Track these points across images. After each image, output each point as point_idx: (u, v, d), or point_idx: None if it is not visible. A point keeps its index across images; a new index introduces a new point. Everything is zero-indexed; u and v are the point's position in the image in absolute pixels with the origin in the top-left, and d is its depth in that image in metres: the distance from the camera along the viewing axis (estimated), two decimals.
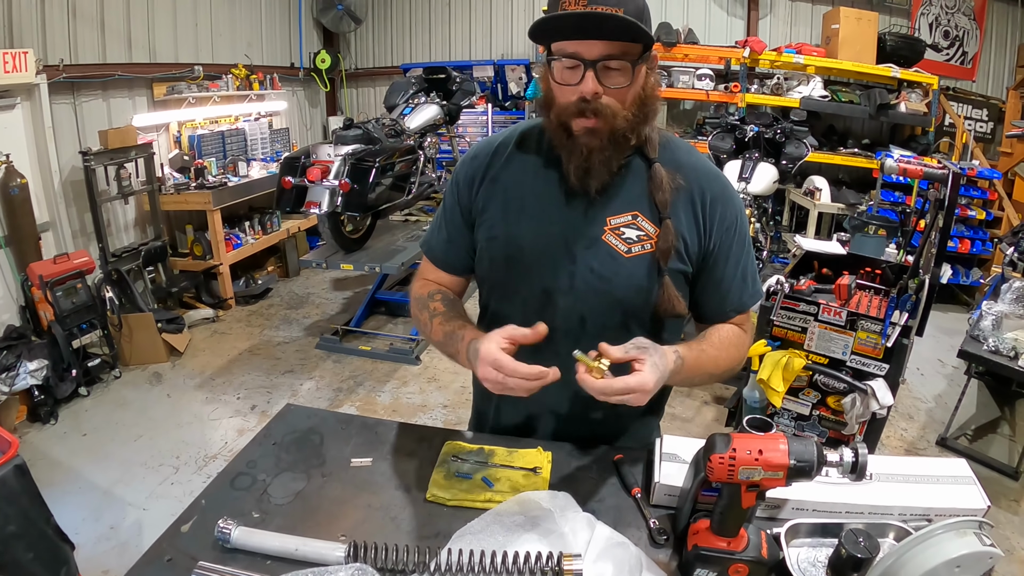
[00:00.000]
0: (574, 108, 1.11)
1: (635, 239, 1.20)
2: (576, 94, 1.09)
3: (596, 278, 1.21)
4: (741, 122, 4.41)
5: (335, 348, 4.59)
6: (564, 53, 1.08)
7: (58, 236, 4.46)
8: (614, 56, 1.07)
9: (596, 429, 1.33)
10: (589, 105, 1.09)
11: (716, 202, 1.23)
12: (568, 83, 1.10)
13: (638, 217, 1.20)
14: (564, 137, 1.15)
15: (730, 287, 1.26)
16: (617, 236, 1.20)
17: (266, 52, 6.76)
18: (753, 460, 0.90)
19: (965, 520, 0.89)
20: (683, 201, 1.21)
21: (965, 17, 6.48)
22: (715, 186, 1.24)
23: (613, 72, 1.09)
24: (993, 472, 3.21)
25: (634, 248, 1.20)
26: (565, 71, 1.10)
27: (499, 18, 7.31)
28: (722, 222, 1.23)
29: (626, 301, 1.22)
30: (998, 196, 5.44)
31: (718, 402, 3.87)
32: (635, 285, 1.20)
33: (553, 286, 1.23)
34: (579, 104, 1.10)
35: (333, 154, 3.94)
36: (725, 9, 6.77)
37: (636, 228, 1.20)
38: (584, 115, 1.11)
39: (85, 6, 4.56)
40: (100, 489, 3.06)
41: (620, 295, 1.21)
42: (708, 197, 1.22)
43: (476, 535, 1.00)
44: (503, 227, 1.26)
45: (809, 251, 3.22)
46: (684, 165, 1.23)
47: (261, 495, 1.15)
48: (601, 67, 1.07)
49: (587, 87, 1.08)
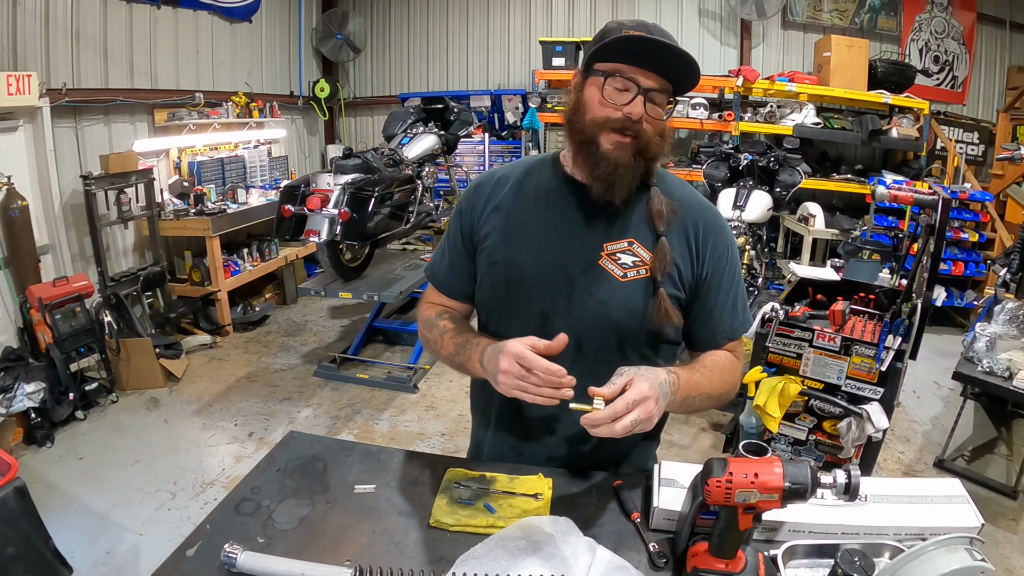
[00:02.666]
0: (615, 124, 1.18)
1: (631, 264, 1.25)
2: (619, 112, 1.17)
3: (593, 301, 1.25)
4: (735, 150, 4.47)
5: (333, 376, 4.59)
6: (623, 75, 1.16)
7: (57, 259, 4.48)
8: (659, 91, 1.17)
9: (594, 457, 1.35)
10: (632, 125, 1.17)
11: (709, 231, 1.29)
12: (615, 102, 1.18)
13: (634, 244, 1.26)
14: (592, 150, 1.21)
15: (721, 315, 1.31)
16: (613, 261, 1.25)
17: (266, 80, 6.85)
18: (749, 483, 0.92)
19: (956, 536, 0.90)
20: (676, 230, 1.27)
21: (955, 42, 6.61)
22: (707, 216, 1.31)
23: (655, 104, 1.18)
24: (991, 492, 3.22)
25: (629, 273, 1.25)
26: (614, 92, 1.18)
27: (496, 49, 7.42)
28: (714, 251, 1.29)
29: (622, 324, 1.26)
30: (990, 218, 5.51)
31: (715, 429, 3.87)
32: (630, 308, 1.25)
33: (551, 309, 1.27)
34: (622, 121, 1.17)
35: (333, 183, 3.97)
36: (718, 39, 6.89)
37: (631, 254, 1.25)
38: (623, 133, 1.18)
39: (88, 31, 4.64)
40: (96, 513, 3.04)
41: (616, 317, 1.25)
42: (701, 227, 1.29)
43: (480, 560, 1.01)
44: (504, 252, 1.31)
45: (803, 278, 3.25)
46: (677, 198, 1.29)
47: (266, 520, 1.16)
48: (650, 96, 1.17)
49: (636, 109, 1.16)
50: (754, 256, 4.28)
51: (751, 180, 4.27)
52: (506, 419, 1.39)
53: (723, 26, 6.85)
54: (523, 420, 1.36)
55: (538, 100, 6.51)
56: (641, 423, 1.04)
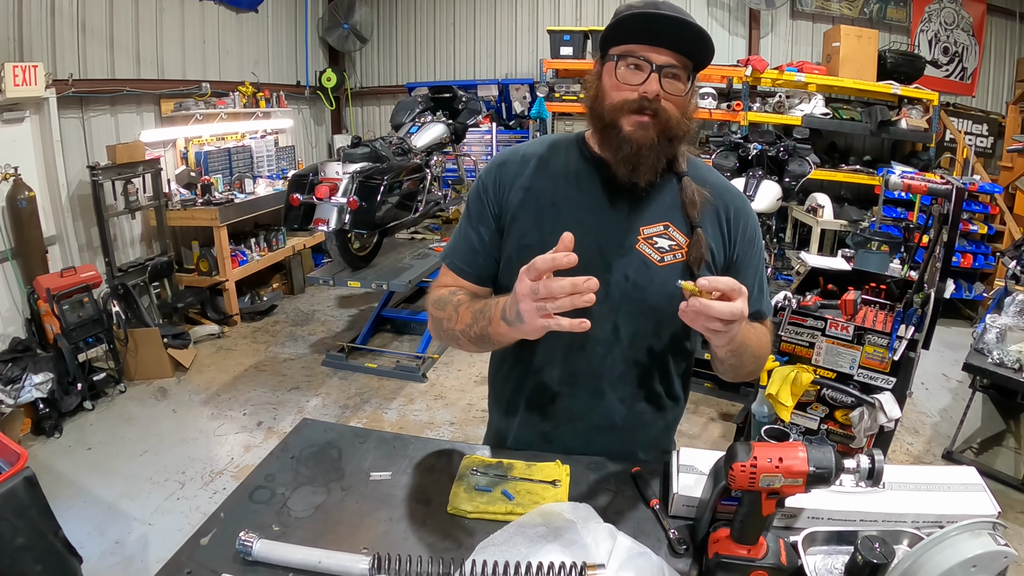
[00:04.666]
0: (632, 105, 1.16)
1: (667, 248, 1.24)
2: (636, 92, 1.15)
3: (631, 286, 1.24)
4: (744, 140, 4.44)
5: (341, 365, 4.59)
6: (634, 55, 1.15)
7: (65, 250, 4.49)
8: (676, 67, 1.15)
9: (616, 440, 1.34)
10: (650, 104, 1.15)
11: (740, 215, 1.30)
12: (630, 83, 1.16)
13: (669, 227, 1.25)
14: (614, 134, 1.19)
15: (750, 296, 1.28)
16: (650, 245, 1.24)
17: (272, 70, 6.83)
18: (774, 468, 0.91)
19: (979, 521, 0.90)
20: (710, 214, 1.27)
21: (964, 33, 6.55)
22: (737, 201, 1.32)
23: (673, 80, 1.16)
24: (999, 484, 3.20)
25: (666, 257, 1.24)
26: (628, 72, 1.16)
27: (503, 38, 7.38)
28: (744, 234, 1.29)
29: (659, 308, 1.24)
30: (999, 210, 5.48)
31: (724, 419, 3.87)
32: (668, 293, 1.21)
33: None
34: (639, 102, 1.15)
35: (341, 172, 3.97)
36: (727, 28, 6.84)
37: (668, 238, 1.25)
38: (642, 112, 1.16)
39: (94, 22, 4.63)
40: (105, 504, 3.05)
41: (654, 302, 1.24)
42: (732, 210, 1.29)
43: (499, 547, 1.01)
44: (537, 235, 1.25)
45: (815, 267, 3.24)
46: (709, 182, 1.30)
47: (281, 508, 1.15)
48: (665, 72, 1.14)
49: (652, 87, 1.14)
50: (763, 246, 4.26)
51: (760, 170, 4.25)
52: (536, 407, 1.36)
53: (732, 16, 6.80)
54: (553, 408, 1.34)
55: (546, 89, 6.46)
56: (735, 313, 1.00)
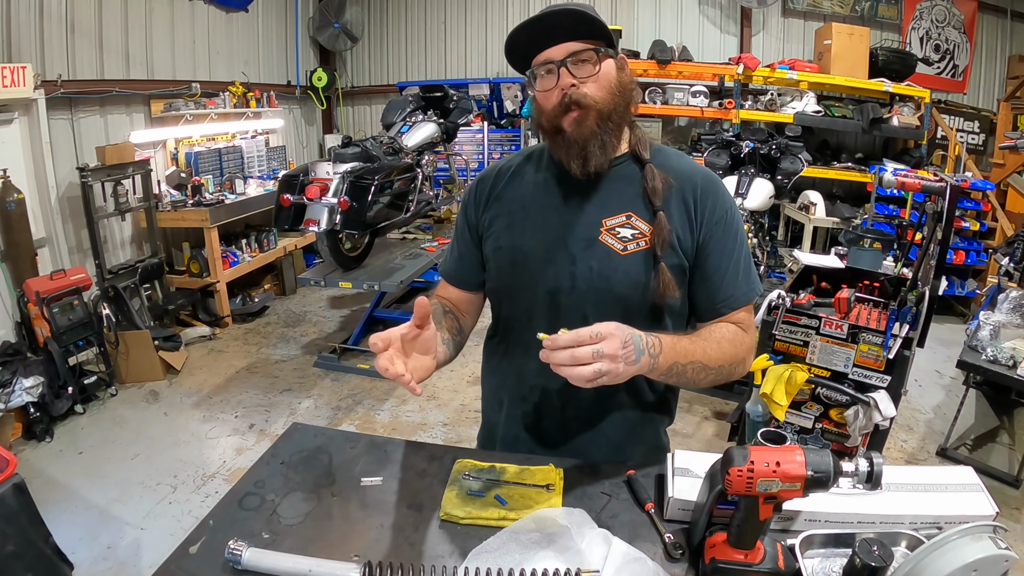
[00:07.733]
0: (560, 107, 1.21)
1: (630, 237, 1.26)
2: (557, 92, 1.20)
3: (596, 276, 1.26)
4: (736, 138, 4.45)
5: (333, 366, 4.57)
6: (538, 63, 1.21)
7: (54, 252, 4.44)
8: (578, 51, 1.18)
9: (607, 433, 1.37)
10: (570, 96, 1.19)
11: (706, 196, 1.28)
12: (548, 88, 1.21)
13: (632, 217, 1.27)
14: (559, 138, 1.24)
15: (721, 280, 1.29)
16: (613, 236, 1.26)
17: (263, 70, 6.80)
18: (771, 472, 0.90)
19: (980, 525, 0.89)
20: (675, 199, 1.27)
21: (955, 31, 6.57)
22: (704, 182, 1.30)
23: (582, 64, 1.19)
24: (994, 481, 3.20)
25: (629, 246, 1.26)
26: (544, 80, 1.22)
27: (494, 36, 7.35)
28: (712, 214, 1.28)
29: (625, 297, 1.26)
30: (991, 207, 5.50)
31: (718, 417, 3.87)
32: (632, 281, 1.25)
33: (556, 287, 1.29)
34: (562, 101, 1.20)
35: (332, 172, 3.94)
36: (718, 26, 6.84)
37: (630, 227, 1.26)
38: (569, 109, 1.20)
39: (83, 22, 4.58)
40: (97, 508, 3.03)
41: (619, 291, 1.26)
42: (699, 191, 1.28)
43: (493, 553, 0.99)
44: (508, 237, 1.34)
45: (808, 265, 3.23)
46: (674, 168, 1.30)
47: (271, 515, 1.13)
48: (571, 62, 1.18)
49: (564, 81, 1.19)
50: (756, 244, 4.26)
51: (752, 168, 4.25)
52: (517, 400, 1.41)
53: (723, 14, 6.80)
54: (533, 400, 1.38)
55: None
56: (605, 359, 1.01)
